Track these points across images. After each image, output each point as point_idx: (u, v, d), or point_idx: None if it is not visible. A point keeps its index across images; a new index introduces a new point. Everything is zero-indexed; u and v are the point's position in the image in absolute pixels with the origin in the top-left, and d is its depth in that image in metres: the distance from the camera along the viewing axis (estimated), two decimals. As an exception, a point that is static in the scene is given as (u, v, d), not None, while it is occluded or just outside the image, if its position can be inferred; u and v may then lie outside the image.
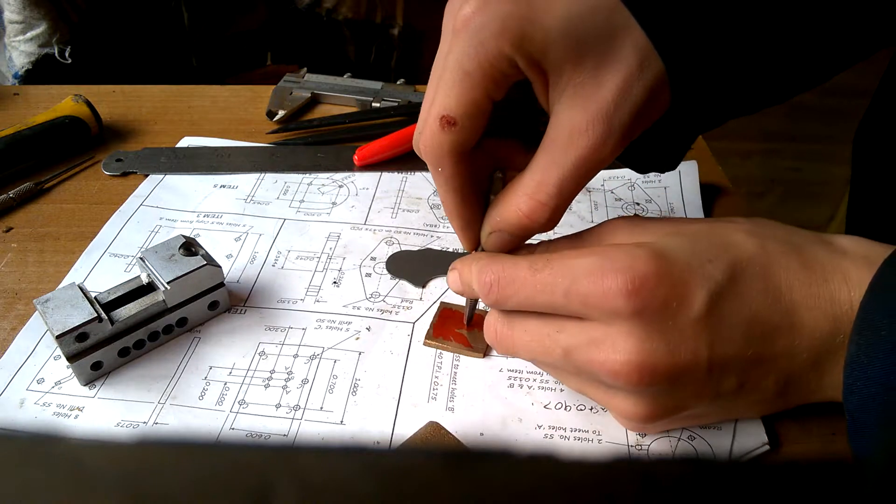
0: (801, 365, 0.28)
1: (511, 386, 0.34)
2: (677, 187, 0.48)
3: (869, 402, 0.26)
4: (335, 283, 0.40)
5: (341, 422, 0.33)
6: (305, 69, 0.63)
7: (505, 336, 0.31)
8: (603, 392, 0.29)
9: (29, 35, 0.67)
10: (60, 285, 0.40)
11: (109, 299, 0.35)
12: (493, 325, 0.31)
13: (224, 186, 0.49)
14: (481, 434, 0.32)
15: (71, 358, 0.33)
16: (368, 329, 0.37)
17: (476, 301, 0.36)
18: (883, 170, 0.54)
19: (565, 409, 0.33)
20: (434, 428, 0.32)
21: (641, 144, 0.30)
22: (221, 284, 0.37)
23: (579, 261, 0.28)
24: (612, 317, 0.27)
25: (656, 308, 0.26)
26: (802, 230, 0.31)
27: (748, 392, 0.29)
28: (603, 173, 0.50)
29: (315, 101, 0.60)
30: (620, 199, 0.48)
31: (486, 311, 0.34)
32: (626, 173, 0.50)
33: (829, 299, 0.28)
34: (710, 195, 0.49)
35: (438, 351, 0.36)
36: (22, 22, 0.67)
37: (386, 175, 0.50)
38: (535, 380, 0.34)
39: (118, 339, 0.34)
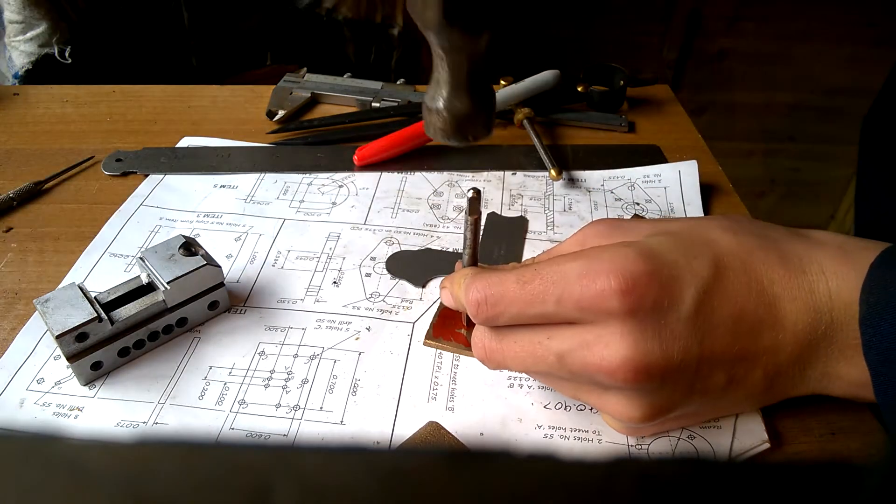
0: (787, 357, 0.28)
1: (511, 386, 0.34)
2: (677, 187, 0.48)
3: (887, 355, 0.26)
4: (335, 283, 0.40)
5: (341, 422, 0.33)
6: (305, 69, 0.62)
7: (494, 351, 0.30)
8: (597, 395, 0.29)
9: (29, 35, 0.67)
10: (60, 285, 0.40)
11: (109, 299, 0.35)
12: (482, 341, 0.31)
13: (224, 186, 0.49)
14: (481, 434, 0.32)
15: (71, 358, 0.33)
16: (368, 329, 0.37)
17: None
18: (888, 161, 0.55)
19: (565, 409, 0.33)
20: (434, 428, 0.32)
21: None
22: (221, 284, 0.37)
23: (568, 266, 0.27)
24: (605, 317, 0.27)
25: (649, 307, 0.26)
26: (776, 225, 0.31)
27: (736, 387, 0.29)
28: (603, 173, 0.50)
29: (315, 101, 0.60)
30: (620, 199, 0.48)
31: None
32: (626, 173, 0.50)
33: (809, 290, 0.28)
34: (710, 195, 0.49)
35: (438, 351, 0.36)
36: (22, 22, 0.67)
37: (386, 175, 0.50)
38: (534, 380, 0.34)
39: (118, 339, 0.34)
